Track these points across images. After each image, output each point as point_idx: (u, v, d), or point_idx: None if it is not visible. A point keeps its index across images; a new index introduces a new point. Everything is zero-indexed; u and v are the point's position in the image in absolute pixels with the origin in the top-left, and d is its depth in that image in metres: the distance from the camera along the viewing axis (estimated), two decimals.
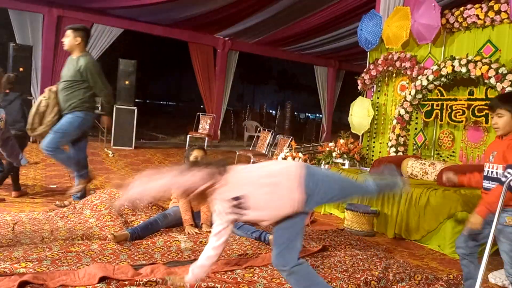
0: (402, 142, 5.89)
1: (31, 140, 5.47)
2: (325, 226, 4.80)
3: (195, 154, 4.09)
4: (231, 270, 3.10)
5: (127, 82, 9.63)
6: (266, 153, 8.00)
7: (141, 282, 2.73)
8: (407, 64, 5.93)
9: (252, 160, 7.47)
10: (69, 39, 4.35)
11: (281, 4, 9.13)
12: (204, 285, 2.80)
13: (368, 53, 6.75)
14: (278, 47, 12.95)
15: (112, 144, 9.55)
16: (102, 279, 2.68)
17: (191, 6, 9.47)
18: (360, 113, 6.55)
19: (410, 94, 5.73)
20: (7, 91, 4.89)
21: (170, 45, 15.22)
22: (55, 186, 5.57)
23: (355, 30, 7.57)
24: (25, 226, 3.72)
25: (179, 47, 13.61)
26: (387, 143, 6.12)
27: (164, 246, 3.43)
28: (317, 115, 31.62)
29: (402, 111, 5.84)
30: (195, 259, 3.23)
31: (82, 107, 4.36)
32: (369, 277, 3.13)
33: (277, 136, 9.10)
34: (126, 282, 2.71)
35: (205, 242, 3.60)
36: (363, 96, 6.74)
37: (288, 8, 9.28)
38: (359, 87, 6.79)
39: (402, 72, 6.09)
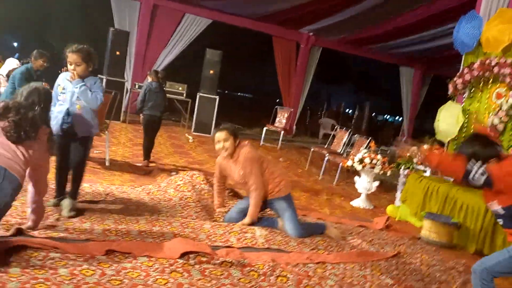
0: None
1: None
2: (401, 233, 4.66)
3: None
4: (304, 264, 3.13)
5: (211, 72, 9.93)
6: (341, 152, 7.89)
7: (217, 262, 2.86)
8: (507, 71, 5.52)
9: (326, 158, 7.41)
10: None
11: (371, 1, 8.90)
12: (276, 274, 2.85)
13: (463, 56, 6.38)
14: (363, 45, 12.66)
15: (192, 130, 9.94)
16: (183, 255, 2.83)
17: (280, 0, 9.54)
18: (448, 119, 6.21)
19: (506, 103, 5.35)
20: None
21: (254, 38, 15.43)
22: (141, 164, 5.91)
23: (448, 31, 7.19)
24: (115, 197, 4.02)
25: (263, 41, 13.76)
26: None
27: (240, 231, 3.54)
28: (396, 118, 30.48)
29: (496, 121, 5.46)
30: (268, 248, 3.32)
31: None
32: None
33: (354, 136, 8.93)
34: (204, 259, 2.84)
35: (279, 232, 3.66)
36: (453, 101, 6.39)
37: (379, 6, 9.02)
38: (449, 92, 6.44)
39: (500, 79, 5.68)
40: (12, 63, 6.57)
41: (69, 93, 3.43)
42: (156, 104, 5.83)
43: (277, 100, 15.77)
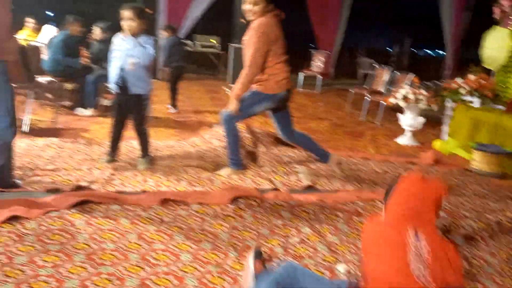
0: None
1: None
2: (450, 166, 4.57)
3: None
4: (352, 201, 3.16)
5: (242, 20, 9.74)
6: (383, 90, 7.69)
7: (266, 205, 2.94)
8: None
9: (367, 99, 7.25)
10: None
11: None
12: (326, 213, 2.91)
13: None
14: None
15: (229, 82, 9.93)
16: (233, 200, 2.93)
17: None
18: (494, 45, 5.87)
19: None
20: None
21: None
22: (183, 119, 6.03)
23: None
24: (163, 152, 4.15)
25: None
26: None
27: (284, 174, 3.60)
28: (437, 51, 29.07)
29: None
30: (313, 188, 3.37)
31: None
32: (501, 218, 2.96)
33: (395, 73, 8.64)
34: (254, 203, 2.93)
35: (323, 173, 3.69)
36: (499, 25, 6.00)
37: None
38: (494, 16, 6.04)
39: None
40: (50, 30, 6.70)
41: (123, 50, 3.53)
42: (179, 56, 6.58)
43: (310, 44, 15.33)
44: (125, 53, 3.51)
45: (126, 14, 3.48)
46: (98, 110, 5.81)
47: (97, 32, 6.13)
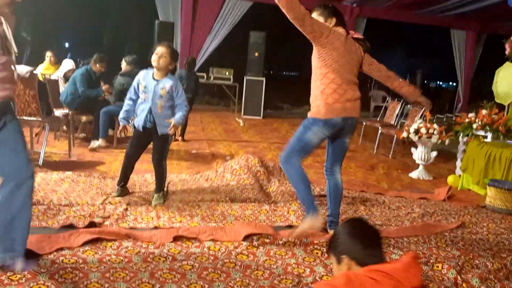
0: None
1: None
2: (464, 203, 4.52)
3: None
4: None
5: (256, 54, 9.95)
6: (395, 124, 7.70)
7: (280, 242, 2.92)
8: None
9: (379, 132, 7.25)
10: None
11: None
12: None
13: None
14: (409, 10, 12.12)
15: (242, 113, 10.04)
16: (246, 237, 2.92)
17: None
18: (506, 81, 5.88)
19: None
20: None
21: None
22: (195, 151, 6.08)
23: None
24: (176, 186, 4.18)
25: None
26: None
27: (298, 210, 3.59)
28: (450, 83, 29.06)
29: None
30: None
31: None
32: None
33: (408, 106, 8.65)
34: (267, 241, 2.92)
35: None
36: (510, 61, 6.02)
37: None
38: (506, 52, 6.07)
39: None
40: (68, 64, 6.89)
41: (151, 92, 3.53)
42: (187, 88, 6.53)
43: None
44: (154, 95, 3.53)
45: (161, 50, 3.50)
46: (111, 141, 5.87)
47: (123, 65, 6.28)
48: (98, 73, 5.94)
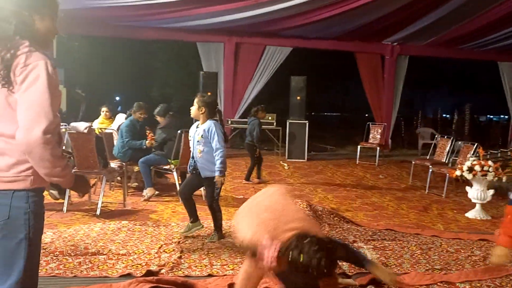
0: None
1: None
2: None
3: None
4: (427, 285, 3.01)
5: (298, 98, 10.10)
6: (446, 162, 7.47)
7: None
8: None
9: (430, 170, 7.05)
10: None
11: (456, 2, 8.48)
12: None
13: None
14: (452, 46, 12.00)
15: (286, 157, 10.09)
16: None
17: (359, 16, 9.47)
18: None
19: None
20: None
21: (336, 57, 15.42)
22: (241, 196, 6.14)
23: None
24: (226, 232, 4.22)
25: (345, 58, 13.69)
26: None
27: None
28: (502, 116, 27.98)
29: None
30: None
31: None
32: None
33: (458, 142, 8.41)
34: None
35: (390, 254, 3.56)
36: None
37: (464, 4, 8.57)
38: None
39: None
40: (121, 118, 7.27)
41: (192, 139, 3.95)
42: (248, 133, 7.33)
43: (366, 115, 15.36)
44: (194, 141, 3.88)
45: (195, 100, 3.90)
46: (166, 189, 6.03)
47: (158, 118, 6.47)
48: (141, 121, 6.20)
